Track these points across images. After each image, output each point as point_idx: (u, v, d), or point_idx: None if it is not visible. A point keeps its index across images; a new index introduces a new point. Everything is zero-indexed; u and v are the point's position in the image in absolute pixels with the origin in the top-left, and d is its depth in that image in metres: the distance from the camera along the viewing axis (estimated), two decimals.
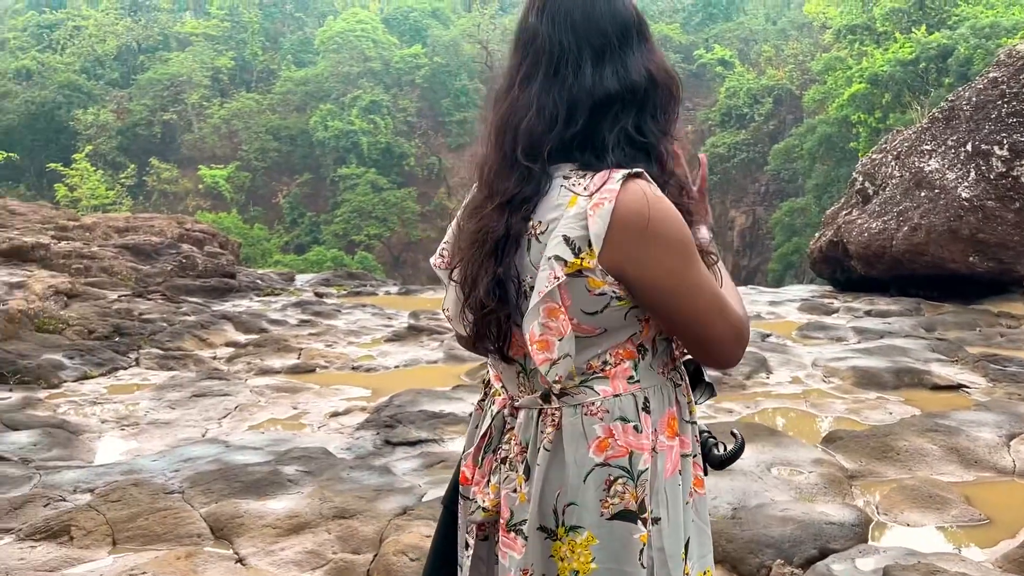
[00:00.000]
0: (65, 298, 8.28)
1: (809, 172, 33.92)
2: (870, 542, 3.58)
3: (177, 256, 11.32)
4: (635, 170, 1.32)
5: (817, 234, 12.77)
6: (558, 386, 1.39)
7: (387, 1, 55.69)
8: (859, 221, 10.74)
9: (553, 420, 1.40)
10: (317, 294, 11.49)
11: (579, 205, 1.31)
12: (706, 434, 1.54)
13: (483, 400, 1.61)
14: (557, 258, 1.30)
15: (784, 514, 3.72)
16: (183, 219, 14.49)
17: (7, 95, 44.81)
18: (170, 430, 5.37)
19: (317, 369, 7.16)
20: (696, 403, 1.61)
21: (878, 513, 3.91)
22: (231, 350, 7.81)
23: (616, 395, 1.39)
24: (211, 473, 4.29)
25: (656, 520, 1.39)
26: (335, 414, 5.72)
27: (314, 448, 4.73)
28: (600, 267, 1.30)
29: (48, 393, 6.13)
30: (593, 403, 1.39)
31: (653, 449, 1.40)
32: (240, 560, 3.48)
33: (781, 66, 41.46)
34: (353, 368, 7.24)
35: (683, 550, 1.43)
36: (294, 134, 44.19)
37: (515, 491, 1.43)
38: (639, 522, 1.36)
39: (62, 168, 36.95)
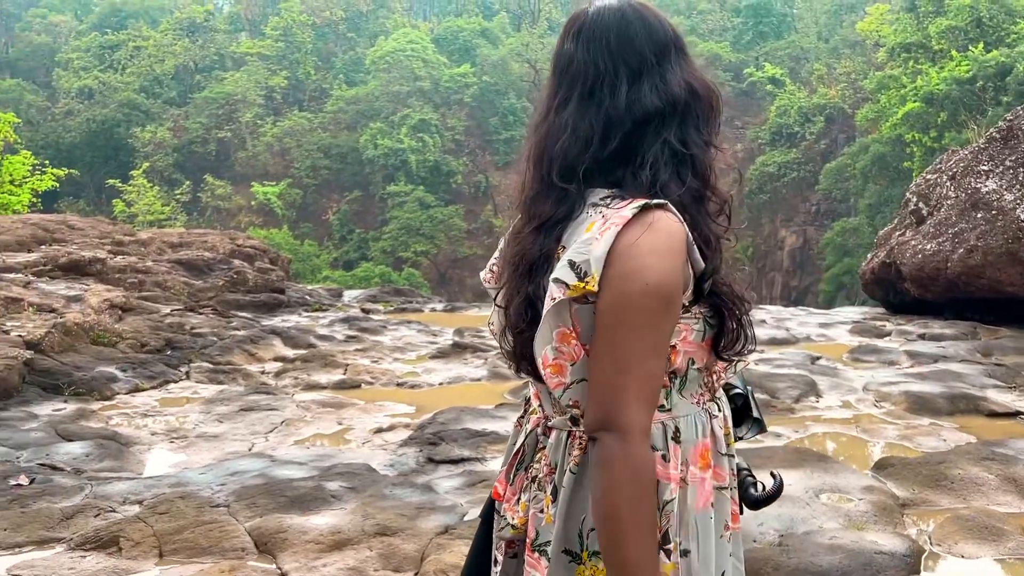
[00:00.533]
0: (120, 312, 8.45)
1: (862, 192, 33.44)
2: (922, 574, 3.49)
3: (228, 271, 11.49)
4: (657, 201, 1.30)
5: (869, 255, 12.53)
6: (573, 410, 1.38)
7: (437, 21, 56.39)
8: (913, 242, 10.52)
9: (580, 443, 1.39)
10: (364, 310, 11.58)
11: (593, 230, 1.31)
12: (745, 472, 1.50)
13: (522, 417, 1.61)
14: (557, 281, 1.30)
15: (833, 542, 3.63)
16: (235, 235, 14.73)
17: (70, 113, 46.22)
18: (218, 443, 5.43)
19: (363, 385, 7.20)
20: (743, 438, 1.58)
21: (931, 544, 3.81)
22: (279, 365, 7.89)
23: None
24: (256, 487, 4.33)
25: (685, 552, 1.37)
26: (379, 430, 5.75)
27: (357, 464, 4.75)
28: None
29: (101, 405, 6.25)
30: None
31: (683, 480, 1.38)
32: (283, 575, 3.50)
33: (833, 84, 41.00)
34: (398, 384, 7.27)
35: None
36: (344, 152, 44.82)
37: (542, 511, 1.43)
38: (661, 553, 1.34)
39: (120, 184, 37.94)
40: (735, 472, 1.48)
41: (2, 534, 3.82)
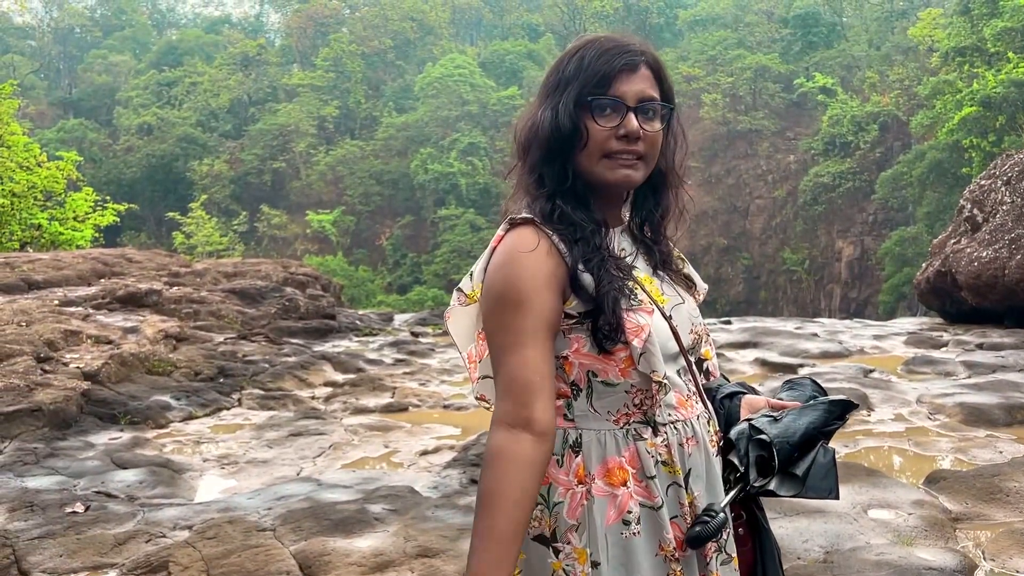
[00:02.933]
0: (174, 341, 8.66)
1: (919, 200, 32.79)
2: None
3: (281, 299, 11.70)
4: (522, 216, 1.48)
5: (924, 264, 12.26)
6: (483, 403, 1.57)
7: (484, 45, 56.93)
8: (968, 250, 10.28)
9: None
10: (413, 333, 11.68)
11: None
12: (706, 514, 1.46)
13: None
14: (458, 289, 1.54)
15: (880, 558, 3.56)
16: (288, 263, 15.00)
17: (130, 150, 47.68)
18: (267, 468, 5.53)
19: (410, 408, 7.27)
20: (773, 493, 1.55)
21: (984, 559, 3.70)
22: (329, 390, 8.00)
23: None
24: (302, 511, 4.40)
25: (596, 564, 1.41)
26: (424, 452, 5.79)
27: (401, 487, 4.79)
28: None
29: (156, 433, 6.41)
30: None
31: (588, 491, 1.43)
32: None
33: (886, 92, 40.34)
34: (444, 407, 7.32)
35: None
36: (396, 178, 45.42)
37: None
38: (550, 548, 1.44)
39: (180, 217, 38.93)
40: (684, 503, 1.47)
41: (58, 560, 3.93)
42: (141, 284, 10.35)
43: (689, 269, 1.68)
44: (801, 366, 8.41)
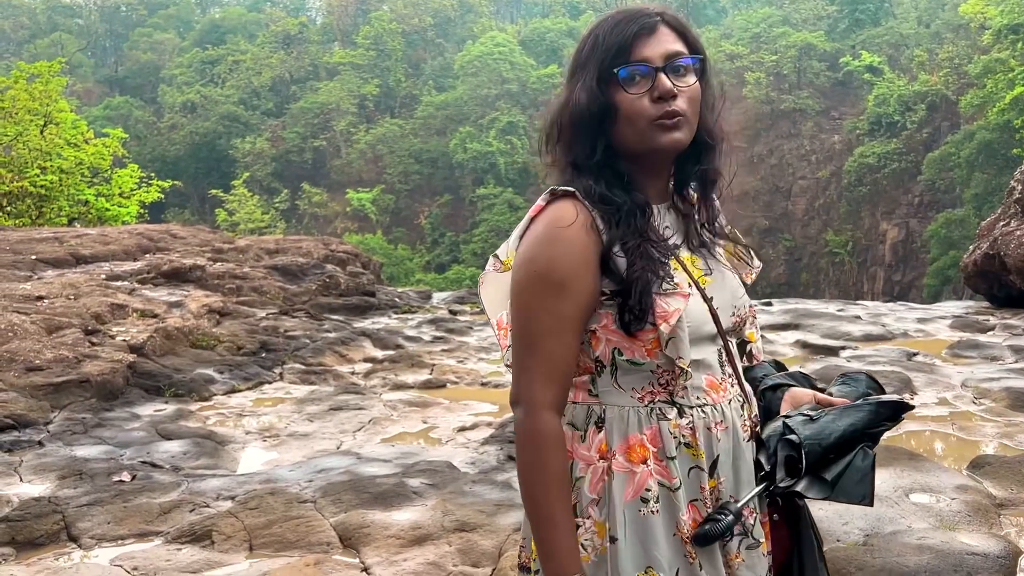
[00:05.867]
0: (217, 316, 8.79)
1: (967, 181, 32.13)
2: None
3: (321, 276, 11.81)
4: (564, 188, 1.44)
5: (971, 247, 12.00)
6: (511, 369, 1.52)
7: (524, 23, 56.62)
8: (1018, 233, 10.04)
9: None
10: (451, 311, 11.73)
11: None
12: (721, 512, 1.43)
13: None
14: (495, 256, 1.54)
15: (921, 543, 3.52)
16: (328, 240, 15.12)
17: (174, 127, 48.30)
18: (308, 442, 5.61)
19: (448, 384, 7.32)
20: (800, 494, 1.51)
21: None
22: (368, 365, 8.08)
23: (574, 402, 1.48)
24: (342, 484, 4.46)
25: (613, 539, 1.43)
26: (462, 429, 5.83)
27: (439, 462, 4.84)
28: None
29: (200, 406, 6.52)
30: None
31: (609, 468, 1.43)
32: (365, 569, 3.60)
33: (935, 71, 39.45)
34: (482, 384, 7.35)
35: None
36: (435, 157, 45.52)
37: None
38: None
39: (222, 194, 39.42)
40: (704, 487, 1.45)
41: (106, 527, 4.03)
42: (185, 260, 10.51)
43: (743, 244, 1.64)
44: (843, 348, 8.31)
